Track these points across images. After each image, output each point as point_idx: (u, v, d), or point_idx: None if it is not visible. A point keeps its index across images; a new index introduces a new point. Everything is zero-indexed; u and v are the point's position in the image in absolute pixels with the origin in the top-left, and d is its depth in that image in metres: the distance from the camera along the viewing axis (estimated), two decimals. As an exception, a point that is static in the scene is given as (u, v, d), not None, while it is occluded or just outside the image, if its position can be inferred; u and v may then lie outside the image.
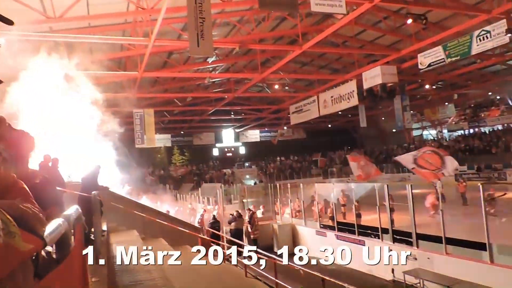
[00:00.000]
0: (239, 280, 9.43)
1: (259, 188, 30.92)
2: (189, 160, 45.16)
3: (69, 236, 1.91)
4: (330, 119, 44.86)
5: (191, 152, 45.80)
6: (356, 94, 24.75)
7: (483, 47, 16.82)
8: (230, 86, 30.02)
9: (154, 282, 6.37)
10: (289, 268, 9.30)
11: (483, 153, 32.80)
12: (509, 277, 8.15)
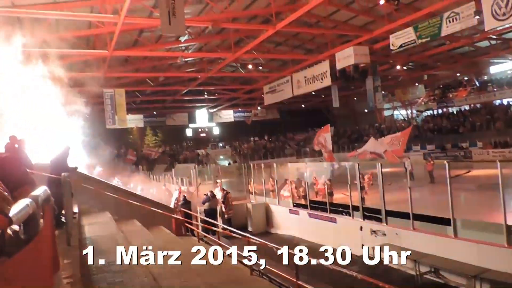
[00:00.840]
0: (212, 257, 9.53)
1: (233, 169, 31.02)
2: (162, 140, 44.72)
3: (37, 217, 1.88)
4: (304, 99, 45.10)
5: (164, 132, 45.33)
6: (329, 74, 24.96)
7: (453, 28, 17.17)
8: (203, 66, 29.63)
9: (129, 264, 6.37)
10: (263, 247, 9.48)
11: (451, 132, 33.87)
12: (471, 250, 8.56)
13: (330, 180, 15.89)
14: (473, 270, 8.09)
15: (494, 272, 7.90)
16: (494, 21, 15.54)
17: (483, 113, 33.80)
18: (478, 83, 35.84)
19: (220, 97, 42.68)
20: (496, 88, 33.72)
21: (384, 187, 11.02)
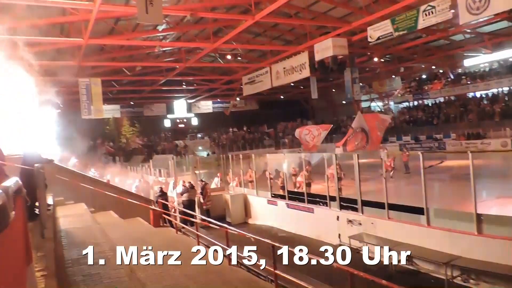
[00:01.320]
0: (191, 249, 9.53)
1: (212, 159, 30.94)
2: (140, 131, 44.12)
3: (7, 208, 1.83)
4: (283, 91, 45.21)
5: (142, 123, 44.68)
6: (308, 65, 25.04)
7: (429, 22, 17.44)
8: (181, 56, 29.26)
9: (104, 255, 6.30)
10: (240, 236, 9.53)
11: (426, 124, 34.62)
12: (443, 238, 8.82)
13: (308, 171, 16.08)
14: (444, 257, 8.35)
15: (464, 259, 8.18)
16: (468, 15, 15.87)
17: (457, 105, 34.64)
18: (452, 76, 36.62)
19: (199, 88, 42.30)
20: (470, 81, 34.54)
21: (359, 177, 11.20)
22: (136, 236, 9.57)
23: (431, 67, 38.23)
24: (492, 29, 28.26)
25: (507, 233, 7.88)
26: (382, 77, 40.71)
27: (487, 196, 12.78)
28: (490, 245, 8.02)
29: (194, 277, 7.37)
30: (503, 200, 12.13)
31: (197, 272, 7.71)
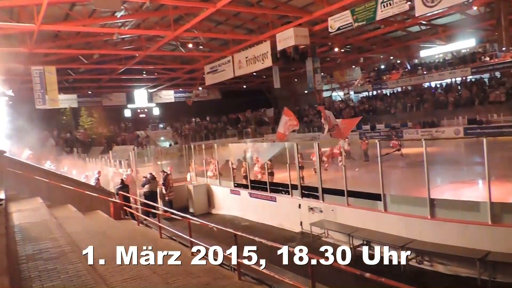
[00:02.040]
0: (153, 241, 9.42)
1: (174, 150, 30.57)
2: (99, 122, 42.77)
3: None
4: (245, 80, 45.17)
5: (101, 113, 43.31)
6: (270, 55, 25.13)
7: (387, 13, 17.89)
8: (141, 44, 28.56)
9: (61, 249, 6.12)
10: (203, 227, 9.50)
11: (384, 113, 35.64)
12: (399, 222, 9.18)
13: (270, 160, 16.19)
14: (400, 241, 8.69)
15: (418, 242, 8.55)
16: (424, 7, 16.41)
17: (413, 95, 35.85)
18: (409, 67, 37.82)
19: (160, 77, 41.52)
20: (425, 72, 35.79)
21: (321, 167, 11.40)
22: (96, 230, 9.32)
23: (389, 57, 39.31)
24: (446, 21, 29.39)
25: (458, 216, 8.30)
26: (343, 67, 41.48)
27: (440, 182, 13.36)
28: (443, 228, 8.42)
29: (156, 268, 7.29)
30: (455, 185, 12.73)
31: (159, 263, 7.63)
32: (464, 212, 8.34)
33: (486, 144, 7.89)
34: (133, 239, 9.93)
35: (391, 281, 4.30)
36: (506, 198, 9.22)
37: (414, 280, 7.91)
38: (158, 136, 44.33)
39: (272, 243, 6.40)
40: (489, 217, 7.76)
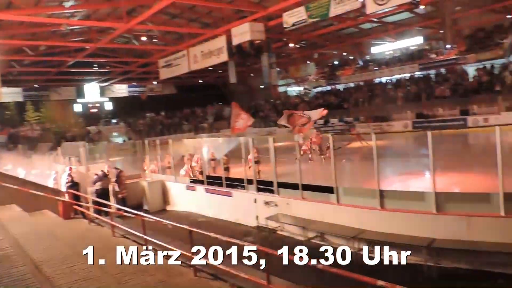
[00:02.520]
0: (105, 240, 9.16)
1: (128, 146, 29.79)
2: (46, 117, 40.82)
3: None
4: (201, 75, 44.69)
5: (48, 108, 41.34)
6: (225, 49, 25.01)
7: (340, 10, 18.30)
8: (92, 36, 27.48)
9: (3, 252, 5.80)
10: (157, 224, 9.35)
11: (338, 108, 36.46)
12: (351, 214, 9.48)
13: (226, 156, 16.18)
14: (352, 231, 8.99)
15: (369, 232, 8.88)
16: (374, 5, 16.93)
17: (365, 90, 36.96)
18: (361, 63, 38.94)
19: (112, 70, 40.19)
20: (376, 67, 36.99)
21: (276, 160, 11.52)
22: (43, 230, 8.94)
23: (342, 53, 40.27)
24: (395, 19, 30.51)
25: (406, 206, 8.69)
26: (298, 62, 42.03)
27: (390, 174, 13.88)
28: (392, 218, 8.78)
29: (108, 268, 7.10)
30: (404, 177, 13.27)
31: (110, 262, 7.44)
32: (411, 202, 8.74)
33: (431, 137, 8.29)
34: (84, 239, 9.62)
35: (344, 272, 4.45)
36: (449, 188, 9.75)
37: (364, 269, 8.19)
38: (110, 132, 42.97)
39: (227, 238, 6.42)
40: (434, 206, 8.18)
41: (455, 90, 29.27)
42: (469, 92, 28.25)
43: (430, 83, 32.31)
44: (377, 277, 3.99)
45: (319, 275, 5.41)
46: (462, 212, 7.94)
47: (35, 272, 4.83)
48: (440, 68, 32.72)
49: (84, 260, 7.67)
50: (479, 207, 7.98)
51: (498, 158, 7.52)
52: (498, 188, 7.53)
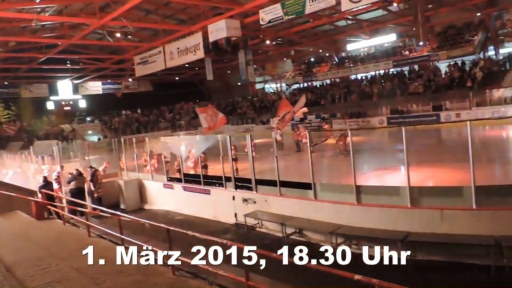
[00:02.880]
0: (81, 241, 8.99)
1: (103, 144, 29.28)
2: (17, 115, 39.62)
3: None
4: (177, 72, 44.29)
5: (20, 106, 40.14)
6: (202, 46, 24.83)
7: (315, 7, 18.41)
8: (64, 32, 26.81)
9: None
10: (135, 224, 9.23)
11: (315, 104, 36.75)
12: (328, 209, 9.58)
13: (204, 153, 16.07)
14: (329, 227, 9.09)
15: (346, 227, 9.00)
16: (349, 3, 17.12)
17: (341, 86, 37.38)
18: (337, 59, 39.34)
19: (86, 67, 39.34)
20: (352, 64, 37.45)
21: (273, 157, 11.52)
22: (15, 231, 8.69)
23: (318, 50, 40.58)
24: (370, 16, 30.95)
25: (382, 201, 8.85)
26: (275, 59, 42.12)
27: (366, 169, 14.09)
28: (368, 213, 8.92)
29: (84, 269, 6.97)
30: (380, 172, 13.49)
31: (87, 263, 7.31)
32: (386, 197, 8.90)
33: (405, 133, 8.46)
34: (59, 240, 9.41)
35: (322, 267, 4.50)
36: (423, 182, 9.98)
37: (343, 264, 8.31)
38: (85, 130, 42.17)
39: (206, 236, 6.39)
40: (409, 200, 8.35)
41: (428, 86, 29.95)
42: (442, 88, 28.97)
43: (404, 79, 32.95)
44: (354, 272, 4.05)
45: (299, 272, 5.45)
46: (435, 206, 8.13)
47: (6, 275, 4.69)
48: (413, 64, 33.43)
49: (59, 261, 7.52)
50: (452, 201, 8.19)
51: (470, 152, 7.73)
52: (470, 181, 7.74)
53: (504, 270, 6.96)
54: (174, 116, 47.17)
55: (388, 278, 3.75)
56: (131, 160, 17.26)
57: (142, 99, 48.61)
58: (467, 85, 27.60)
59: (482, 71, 27.82)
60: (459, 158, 10.07)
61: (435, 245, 7.81)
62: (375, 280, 3.73)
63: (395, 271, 7.25)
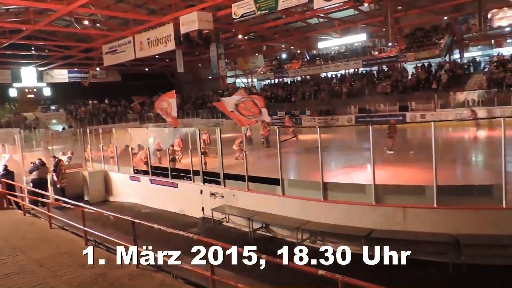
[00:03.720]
0: (41, 232, 8.72)
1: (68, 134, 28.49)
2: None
3: None
4: (147, 63, 43.53)
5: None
6: (173, 38, 24.47)
7: (288, 3, 18.47)
8: (29, 17, 25.75)
9: None
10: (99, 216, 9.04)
11: (285, 101, 37.02)
12: (295, 205, 9.68)
13: (172, 146, 15.91)
14: (296, 223, 9.18)
15: (313, 223, 9.12)
16: (321, 1, 17.31)
17: (311, 84, 37.76)
18: (308, 57, 39.69)
19: (52, 54, 37.94)
20: (323, 62, 37.89)
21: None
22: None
23: (290, 47, 40.79)
24: (341, 15, 31.39)
25: (347, 198, 9.01)
26: (246, 54, 42.04)
27: (334, 166, 14.33)
28: (334, 210, 9.07)
29: (43, 261, 6.78)
30: (347, 169, 13.76)
31: (47, 255, 7.11)
32: (352, 194, 9.07)
33: (372, 132, 8.65)
34: (18, 231, 9.11)
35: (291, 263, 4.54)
36: (388, 180, 10.23)
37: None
38: (49, 119, 40.80)
39: (171, 229, 6.33)
40: (373, 198, 8.55)
41: (395, 86, 30.71)
42: (408, 89, 29.77)
43: (373, 79, 33.65)
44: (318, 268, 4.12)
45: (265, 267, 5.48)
46: (399, 204, 8.36)
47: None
48: (382, 65, 34.16)
49: (18, 253, 7.27)
50: (414, 199, 8.45)
51: (433, 152, 7.98)
52: (432, 181, 8.00)
53: (461, 267, 7.25)
54: (143, 107, 46.34)
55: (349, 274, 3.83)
56: (97, 151, 16.87)
57: (110, 89, 47.49)
58: (432, 87, 28.49)
59: (447, 73, 28.79)
60: (423, 158, 10.39)
61: (396, 242, 8.02)
62: (338, 276, 3.80)
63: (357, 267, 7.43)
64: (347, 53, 36.59)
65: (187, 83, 51.88)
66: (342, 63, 36.11)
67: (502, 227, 7.53)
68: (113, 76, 48.22)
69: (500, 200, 7.58)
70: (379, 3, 26.92)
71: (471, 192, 8.29)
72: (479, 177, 12.11)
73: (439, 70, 29.76)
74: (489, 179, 9.90)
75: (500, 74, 26.39)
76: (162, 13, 25.86)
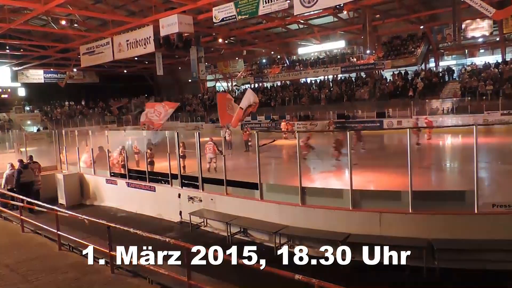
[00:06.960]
0: (13, 236, 8.48)
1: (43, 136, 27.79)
2: None
3: None
4: (126, 64, 43.02)
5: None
6: (152, 40, 24.23)
7: (268, 9, 18.59)
8: (4, 15, 25.09)
9: None
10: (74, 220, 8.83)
11: (265, 105, 37.11)
12: (273, 210, 9.70)
13: (151, 149, 15.71)
14: (274, 227, 9.21)
15: (291, 227, 9.16)
16: (301, 7, 17.45)
17: (291, 89, 38.02)
18: (288, 62, 39.98)
19: (27, 54, 37.06)
20: (302, 68, 38.20)
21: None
22: None
23: (270, 52, 41.00)
24: (321, 22, 31.79)
25: (325, 202, 9.09)
26: (227, 58, 42.07)
27: (312, 172, 14.44)
28: (311, 214, 9.13)
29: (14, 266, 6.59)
30: (325, 175, 13.90)
31: (19, 260, 6.91)
32: (330, 199, 9.17)
33: (350, 138, 8.77)
34: None
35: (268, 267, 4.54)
36: (365, 185, 10.38)
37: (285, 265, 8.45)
38: (24, 120, 39.80)
39: (148, 233, 6.24)
40: (350, 203, 8.65)
41: (373, 93, 31.22)
42: (386, 96, 30.31)
43: (351, 85, 34.12)
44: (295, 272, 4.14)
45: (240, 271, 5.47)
46: (375, 209, 8.49)
47: None
48: (360, 71, 34.70)
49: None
50: (390, 204, 8.58)
51: (408, 158, 8.15)
52: (408, 186, 8.15)
53: (435, 271, 7.39)
54: (121, 110, 45.74)
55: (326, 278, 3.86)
56: (73, 153, 16.53)
57: (87, 91, 46.72)
58: (408, 94, 29.09)
59: (423, 81, 29.47)
60: (399, 164, 10.57)
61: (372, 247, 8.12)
62: (315, 280, 3.83)
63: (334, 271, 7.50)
64: (326, 59, 37.00)
65: (166, 86, 51.48)
66: (321, 69, 36.47)
67: (475, 232, 7.74)
68: (91, 77, 47.42)
69: (473, 205, 7.79)
70: (358, 11, 27.36)
71: (445, 197, 8.48)
72: (453, 182, 12.40)
73: (415, 78, 30.43)
74: (462, 185, 10.15)
75: (473, 83, 27.17)
76: (142, 14, 25.63)
